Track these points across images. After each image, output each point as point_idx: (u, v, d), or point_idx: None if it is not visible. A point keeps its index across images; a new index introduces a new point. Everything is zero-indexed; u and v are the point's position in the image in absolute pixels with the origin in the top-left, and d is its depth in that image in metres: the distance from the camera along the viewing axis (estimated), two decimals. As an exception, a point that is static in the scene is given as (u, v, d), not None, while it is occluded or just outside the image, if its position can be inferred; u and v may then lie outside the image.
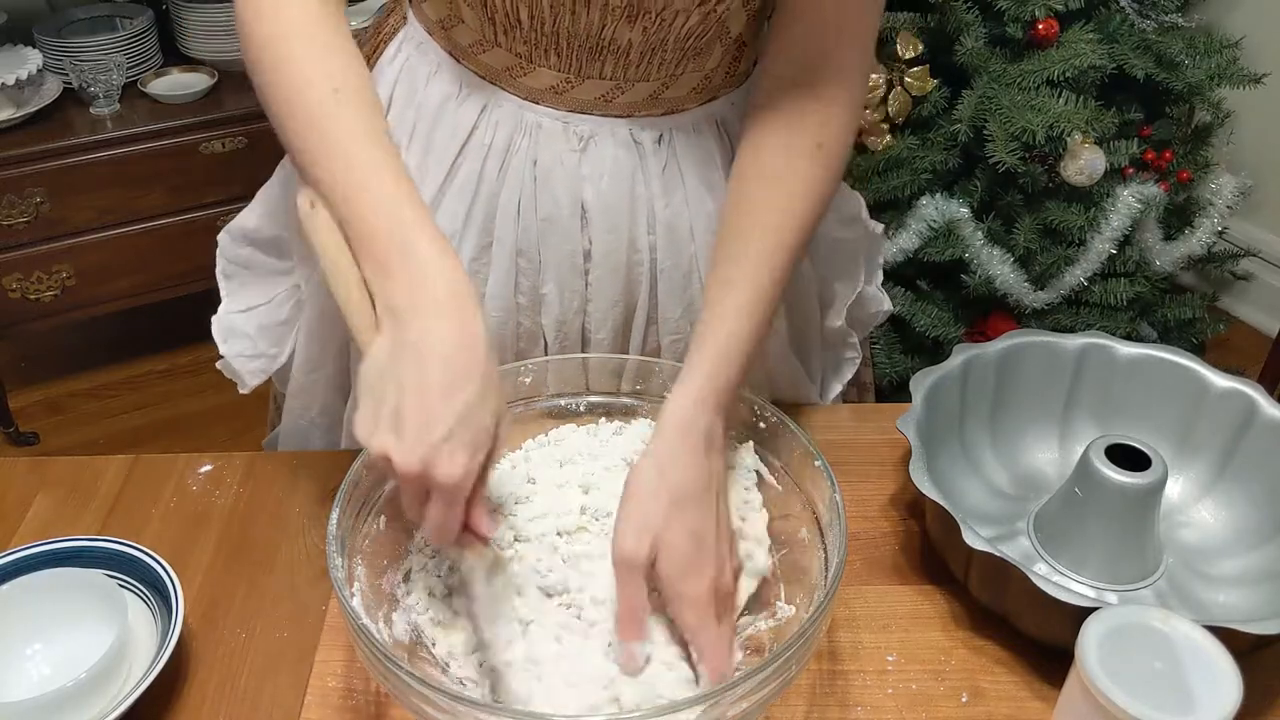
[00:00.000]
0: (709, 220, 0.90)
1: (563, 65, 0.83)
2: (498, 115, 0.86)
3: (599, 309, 0.92)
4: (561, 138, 0.86)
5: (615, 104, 0.85)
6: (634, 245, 0.90)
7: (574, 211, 0.88)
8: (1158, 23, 2.04)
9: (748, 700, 0.63)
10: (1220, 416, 0.89)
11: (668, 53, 0.83)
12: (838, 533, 0.71)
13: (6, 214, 2.17)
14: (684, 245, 0.91)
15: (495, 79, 0.86)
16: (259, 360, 1.01)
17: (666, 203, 0.89)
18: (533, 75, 0.84)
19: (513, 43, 0.83)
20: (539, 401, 0.86)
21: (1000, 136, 1.88)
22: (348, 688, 0.75)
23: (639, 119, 0.87)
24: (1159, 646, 0.64)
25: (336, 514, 0.70)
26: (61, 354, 2.62)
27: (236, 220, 1.01)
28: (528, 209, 0.88)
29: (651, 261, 0.91)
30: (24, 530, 0.88)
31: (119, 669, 0.72)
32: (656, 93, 0.86)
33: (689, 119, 0.89)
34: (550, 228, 0.88)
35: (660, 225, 0.90)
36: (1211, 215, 2.13)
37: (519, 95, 0.86)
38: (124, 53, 2.33)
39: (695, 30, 0.81)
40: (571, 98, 0.85)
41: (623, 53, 0.82)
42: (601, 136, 0.86)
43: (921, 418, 0.85)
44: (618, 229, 0.89)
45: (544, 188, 0.87)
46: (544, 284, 0.91)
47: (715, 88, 0.89)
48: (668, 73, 0.85)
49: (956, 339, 2.05)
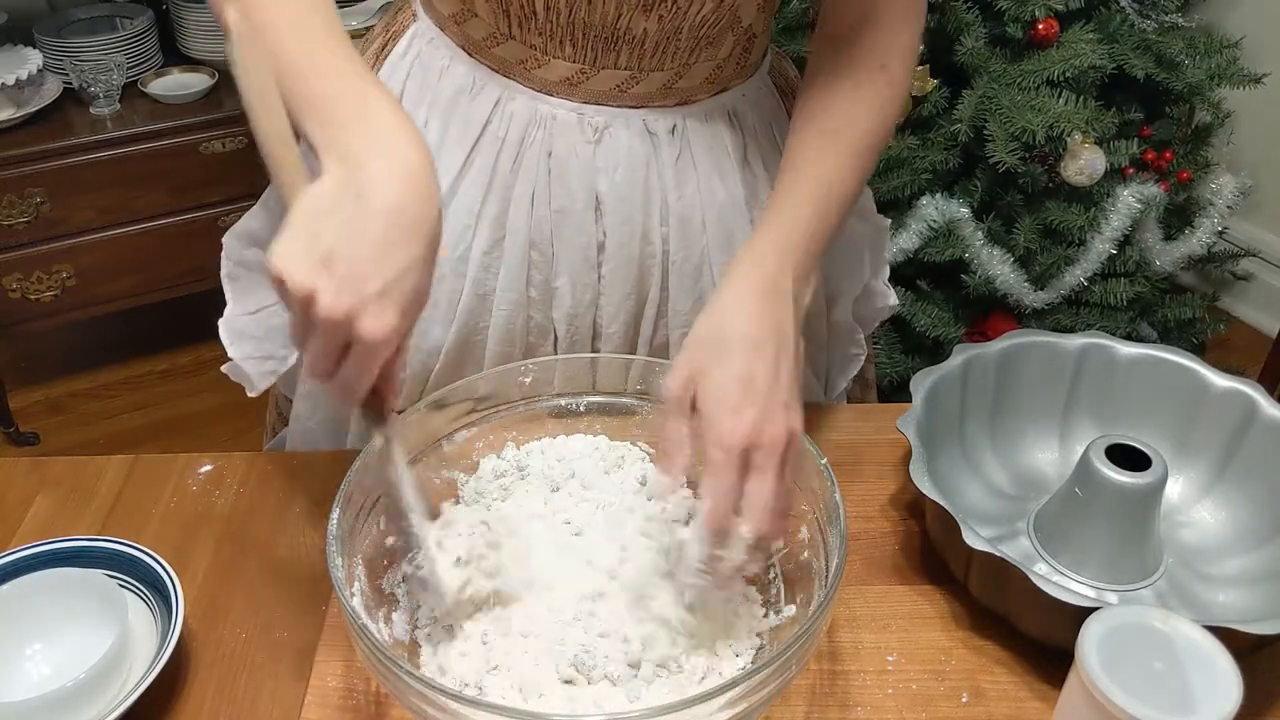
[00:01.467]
0: (720, 212, 0.91)
1: (578, 56, 0.84)
2: (512, 108, 0.87)
3: (611, 302, 0.92)
4: (576, 129, 0.86)
5: (629, 94, 0.86)
6: (647, 237, 0.90)
7: (588, 203, 0.88)
8: (1158, 23, 2.04)
9: (748, 700, 0.63)
10: (1220, 416, 0.89)
11: (682, 42, 0.83)
12: (838, 533, 0.70)
13: (6, 214, 2.17)
14: (696, 237, 0.91)
15: (509, 72, 0.86)
16: (269, 362, 1.00)
17: (680, 194, 0.89)
18: (547, 67, 0.85)
19: (527, 35, 0.83)
20: (541, 401, 0.86)
21: (1000, 136, 1.89)
22: (348, 688, 0.75)
23: (653, 109, 0.87)
24: (1159, 647, 0.64)
25: (336, 514, 0.70)
26: (61, 354, 2.63)
27: (241, 222, 1.01)
28: (541, 201, 0.88)
29: (664, 253, 0.91)
30: (24, 530, 0.88)
31: (119, 669, 0.72)
32: (670, 82, 0.86)
33: (702, 109, 0.89)
34: (564, 220, 0.88)
35: (673, 217, 0.90)
36: (1211, 215, 2.13)
37: (533, 88, 0.86)
38: (124, 53, 2.33)
39: (709, 19, 0.82)
40: (586, 89, 0.85)
41: (638, 42, 0.82)
42: (616, 128, 0.87)
43: (921, 418, 0.85)
44: (631, 220, 0.89)
45: (558, 180, 0.87)
46: (556, 277, 0.91)
47: (727, 78, 0.89)
48: (681, 62, 0.85)
49: (956, 339, 2.05)
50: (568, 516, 0.80)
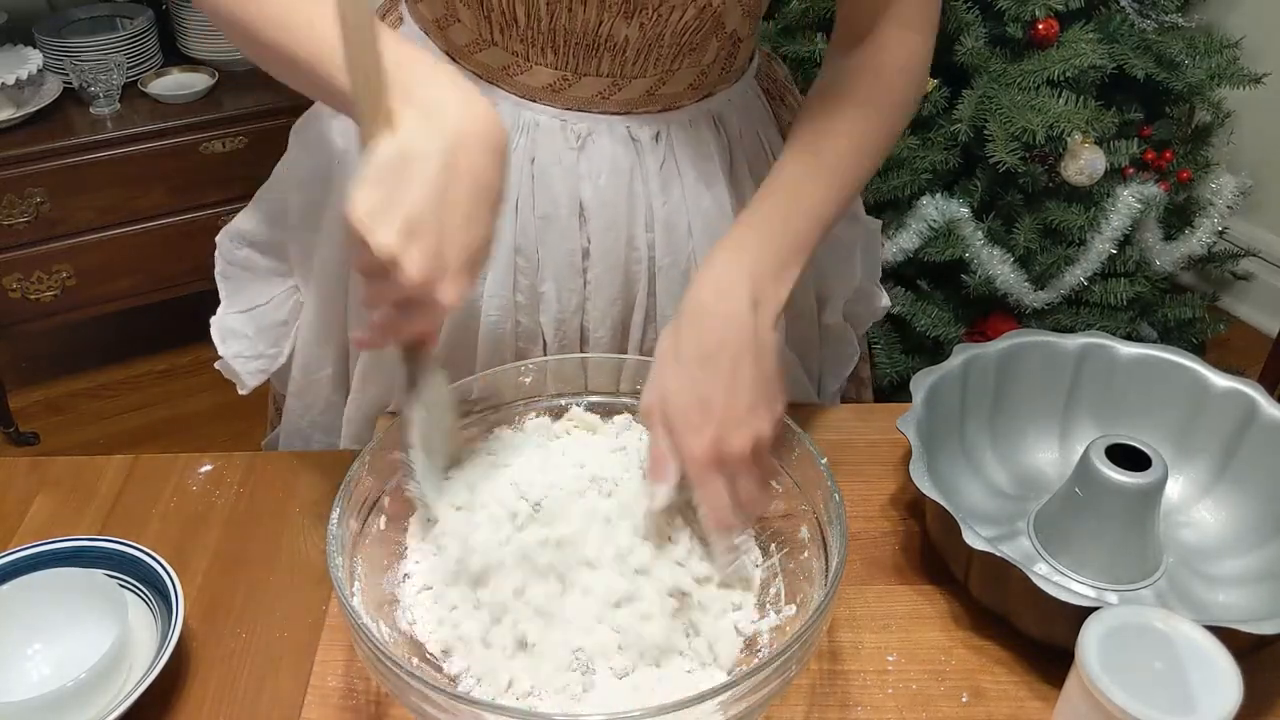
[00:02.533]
0: (706, 218, 0.91)
1: (559, 63, 0.83)
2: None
3: (597, 307, 0.92)
4: (559, 135, 0.86)
5: (612, 101, 0.86)
6: (632, 243, 0.90)
7: (572, 209, 0.88)
8: (1158, 23, 2.04)
9: (748, 700, 0.63)
10: (1220, 416, 0.89)
11: (664, 48, 0.83)
12: (838, 533, 0.70)
13: (6, 214, 2.17)
14: (682, 243, 0.91)
15: (492, 78, 0.86)
16: (258, 361, 1.01)
17: (664, 200, 0.89)
18: (530, 74, 0.84)
19: (509, 41, 0.83)
20: (540, 401, 0.86)
21: (1000, 136, 1.88)
22: (348, 688, 0.75)
23: (636, 115, 0.87)
24: (1159, 646, 0.64)
25: (336, 514, 0.70)
26: (61, 354, 2.62)
27: (234, 222, 1.01)
28: (525, 207, 0.88)
29: (650, 259, 0.91)
30: (24, 530, 0.88)
31: (119, 669, 0.72)
32: (653, 89, 0.86)
33: (686, 115, 0.89)
34: (548, 226, 0.88)
35: (658, 223, 0.90)
36: (1211, 215, 2.13)
37: (516, 94, 0.86)
38: (124, 53, 2.33)
39: (691, 25, 0.82)
40: (569, 95, 0.85)
41: (619, 49, 0.82)
42: (599, 134, 0.87)
43: (922, 418, 0.85)
44: (616, 226, 0.89)
45: (541, 186, 0.87)
46: (542, 282, 0.91)
47: (711, 84, 0.89)
48: (664, 68, 0.85)
49: (956, 339, 2.05)
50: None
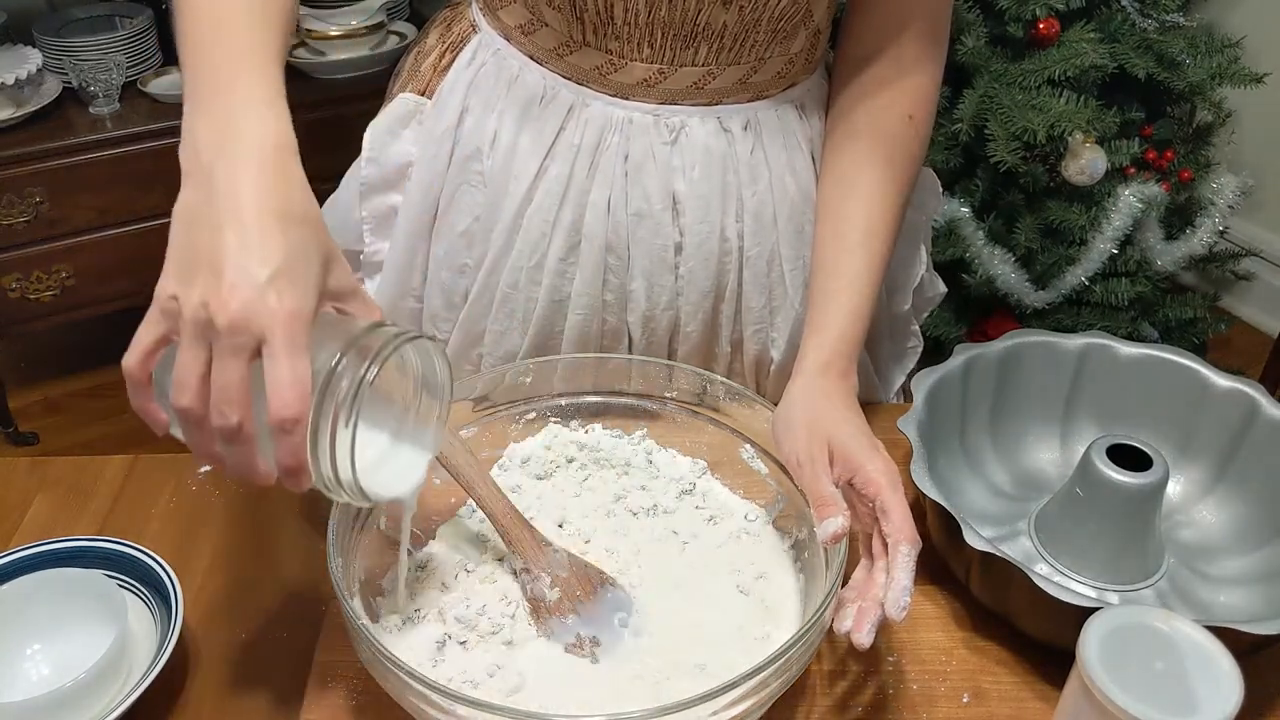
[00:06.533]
0: (791, 206, 0.91)
1: (656, 56, 0.83)
2: (586, 115, 0.86)
3: (690, 301, 0.92)
4: (653, 130, 0.86)
5: (706, 91, 0.86)
6: (723, 234, 0.90)
7: (665, 204, 0.88)
8: (1159, 22, 2.04)
9: (748, 700, 0.63)
10: (1221, 416, 0.89)
11: (760, 34, 0.83)
12: (838, 533, 0.70)
13: (6, 214, 2.17)
14: (768, 231, 0.91)
15: (583, 79, 0.86)
16: None
17: (754, 190, 0.90)
18: (624, 70, 0.84)
19: (604, 40, 0.83)
20: (543, 401, 0.86)
21: (1001, 136, 1.88)
22: (348, 688, 0.75)
23: (727, 105, 0.87)
24: (1160, 647, 0.64)
25: (337, 514, 0.70)
26: (61, 354, 2.62)
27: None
28: (618, 205, 0.88)
29: (739, 249, 0.91)
30: (24, 530, 0.88)
31: (119, 669, 0.72)
32: (745, 77, 0.86)
33: (773, 104, 0.89)
34: (640, 223, 0.88)
35: (748, 213, 0.90)
36: (1213, 215, 2.13)
37: (608, 92, 0.86)
38: (124, 52, 2.33)
39: (787, 12, 0.82)
40: (663, 89, 0.85)
41: (717, 35, 0.82)
42: (692, 126, 0.87)
43: (922, 418, 0.85)
44: (709, 219, 0.89)
45: (635, 183, 0.87)
46: (631, 280, 0.91)
47: (796, 73, 0.90)
48: (757, 55, 0.85)
49: (957, 339, 2.05)
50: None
